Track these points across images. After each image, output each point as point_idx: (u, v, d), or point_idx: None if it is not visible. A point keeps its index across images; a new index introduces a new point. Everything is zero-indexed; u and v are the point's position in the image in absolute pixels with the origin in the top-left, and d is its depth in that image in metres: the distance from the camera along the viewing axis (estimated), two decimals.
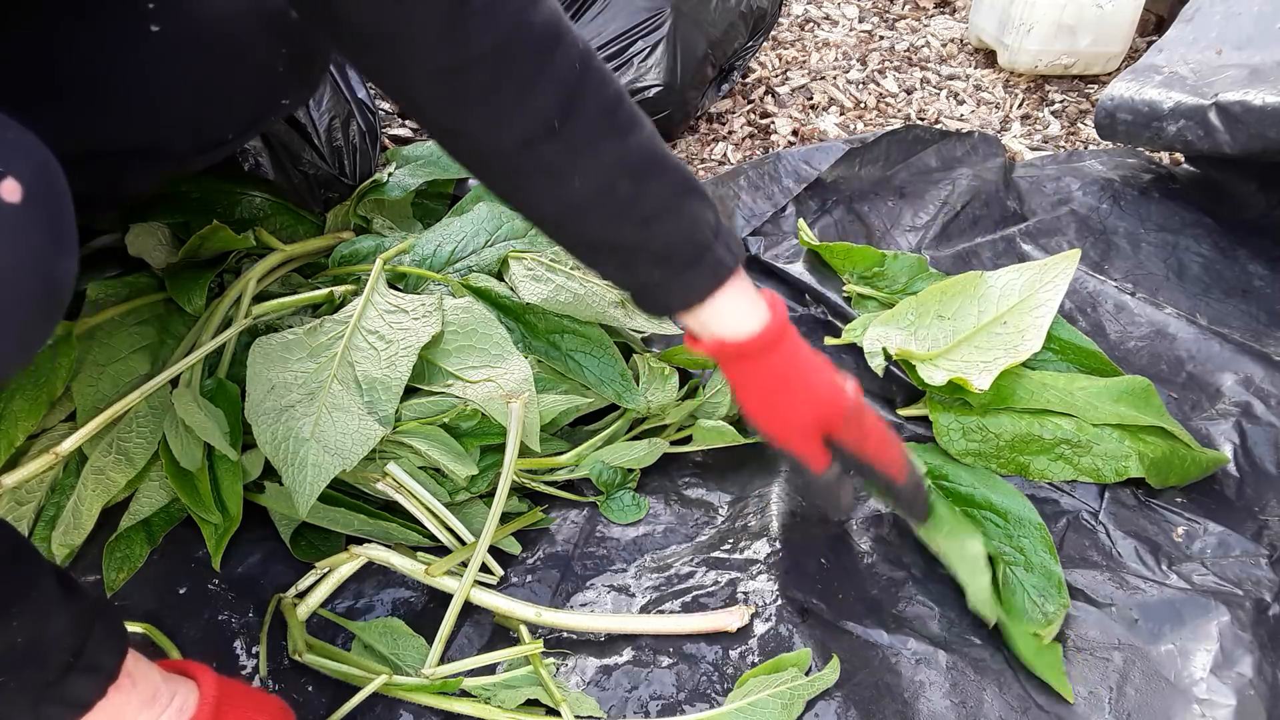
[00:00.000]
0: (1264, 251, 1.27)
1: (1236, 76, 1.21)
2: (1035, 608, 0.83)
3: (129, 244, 0.95)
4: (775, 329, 0.73)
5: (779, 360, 0.74)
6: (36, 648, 0.54)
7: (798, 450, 0.76)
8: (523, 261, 1.01)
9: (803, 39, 1.90)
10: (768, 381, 0.74)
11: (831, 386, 0.76)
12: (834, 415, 0.75)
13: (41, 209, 0.47)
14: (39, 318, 0.49)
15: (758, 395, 0.75)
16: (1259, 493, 0.97)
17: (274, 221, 1.09)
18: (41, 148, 0.48)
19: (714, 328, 0.72)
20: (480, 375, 0.88)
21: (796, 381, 0.75)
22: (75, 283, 0.52)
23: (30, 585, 0.54)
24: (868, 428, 0.78)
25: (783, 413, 0.75)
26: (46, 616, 0.54)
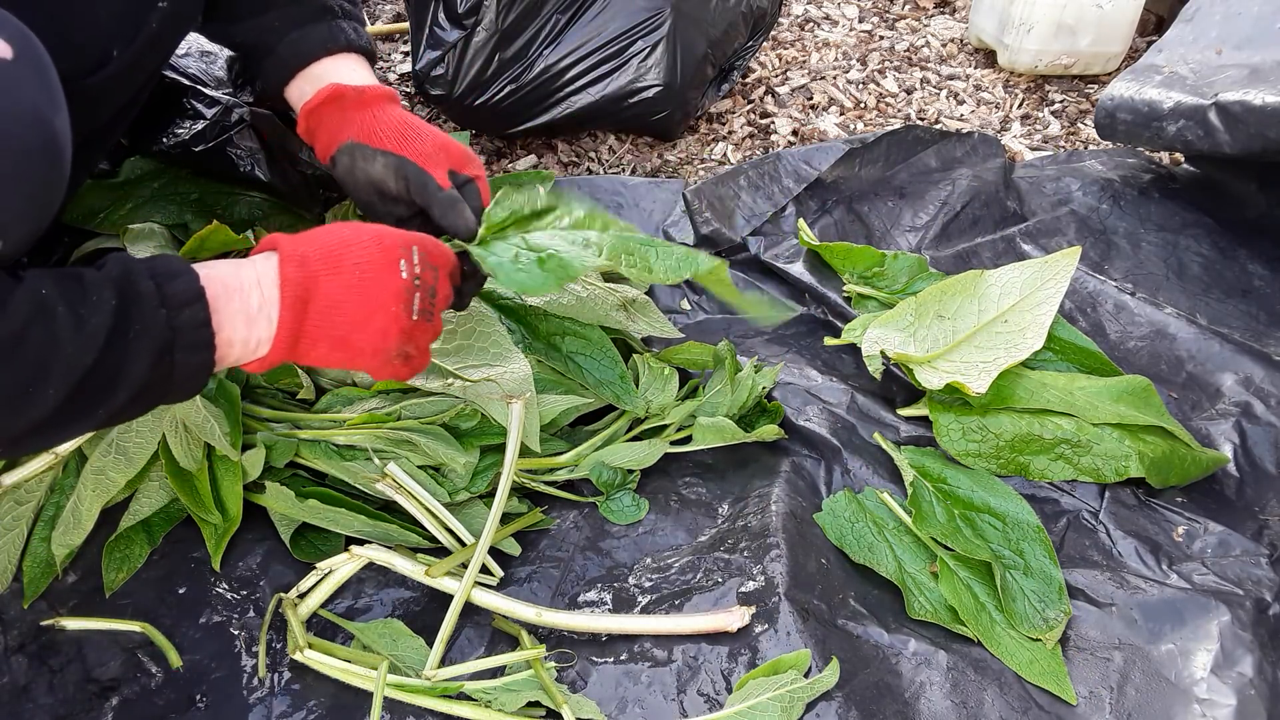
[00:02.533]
0: (1264, 251, 1.27)
1: (1236, 76, 1.21)
2: (1035, 613, 0.83)
3: (128, 245, 0.95)
4: (394, 92, 0.85)
5: (401, 110, 0.84)
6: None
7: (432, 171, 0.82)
8: None
9: (803, 39, 1.90)
10: (398, 120, 0.83)
11: (448, 138, 0.85)
12: (458, 152, 0.84)
13: (31, 66, 0.51)
14: (46, 168, 0.52)
15: (388, 130, 0.83)
16: (1259, 492, 0.97)
17: (273, 222, 1.09)
18: (16, 20, 0.52)
19: (332, 78, 0.84)
20: (480, 374, 0.88)
21: (424, 125, 0.84)
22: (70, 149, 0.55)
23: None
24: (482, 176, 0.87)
25: (414, 142, 0.83)
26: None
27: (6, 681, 0.75)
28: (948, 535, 0.88)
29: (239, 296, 0.62)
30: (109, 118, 0.86)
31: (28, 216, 0.52)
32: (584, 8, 1.43)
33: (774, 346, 1.13)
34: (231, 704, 0.75)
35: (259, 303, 0.63)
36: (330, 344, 0.66)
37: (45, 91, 0.52)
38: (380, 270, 0.67)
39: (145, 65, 0.87)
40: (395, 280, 0.67)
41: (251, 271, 0.64)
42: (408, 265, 0.67)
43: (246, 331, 0.63)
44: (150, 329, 0.57)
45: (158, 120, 1.01)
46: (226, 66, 1.06)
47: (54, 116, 0.52)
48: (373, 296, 0.66)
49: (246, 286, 0.63)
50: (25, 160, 0.50)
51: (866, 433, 1.01)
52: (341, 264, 0.66)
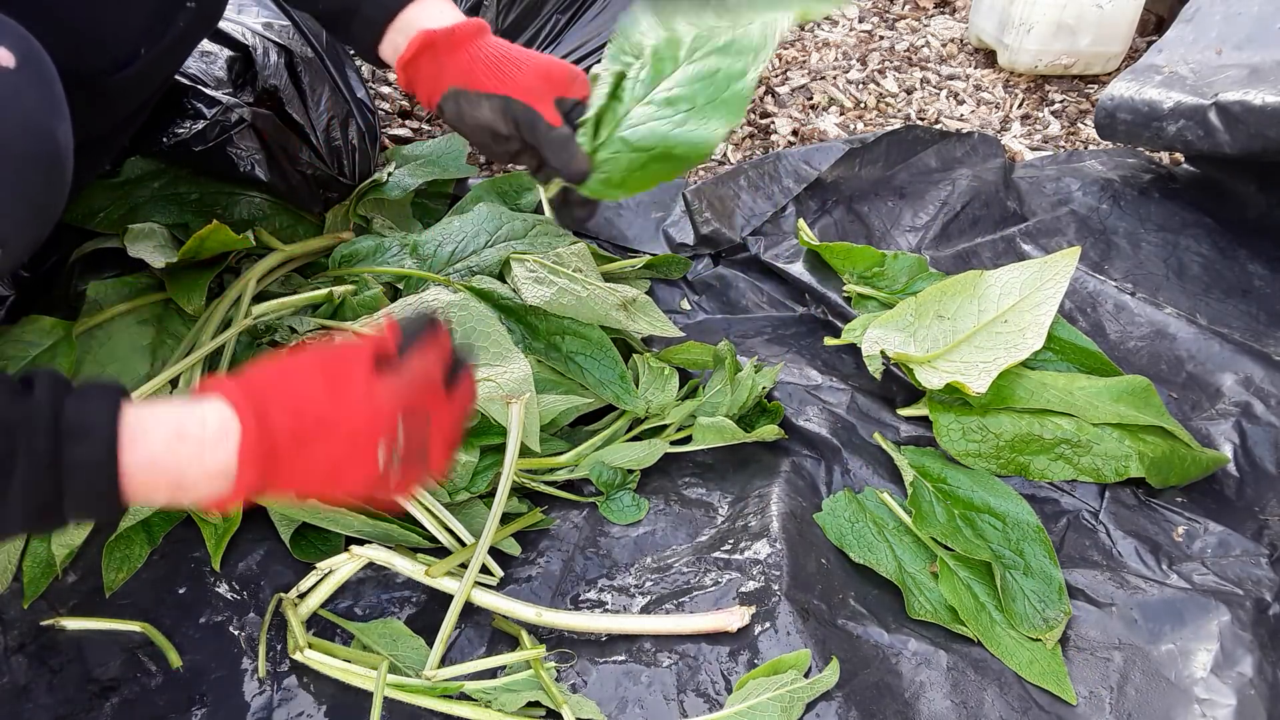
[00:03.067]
0: (1264, 251, 1.27)
1: (1236, 76, 1.21)
2: (1035, 613, 0.83)
3: (128, 245, 0.95)
4: (481, 22, 0.81)
5: (493, 41, 0.81)
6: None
7: (535, 106, 0.79)
8: (525, 263, 1.01)
9: (802, 39, 1.90)
10: (493, 53, 0.80)
11: (551, 59, 0.82)
12: (561, 76, 0.80)
13: (34, 74, 0.50)
14: (47, 177, 0.51)
15: (483, 67, 0.80)
16: (1259, 492, 0.97)
17: (273, 222, 1.09)
18: (21, 28, 0.51)
19: (421, 24, 0.79)
20: (479, 374, 0.88)
21: (519, 53, 0.80)
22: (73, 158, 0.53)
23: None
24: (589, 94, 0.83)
25: (516, 78, 0.79)
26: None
27: (6, 681, 0.75)
28: (948, 535, 0.88)
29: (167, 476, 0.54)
30: (127, 115, 0.87)
31: (29, 226, 0.52)
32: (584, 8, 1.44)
33: (774, 346, 1.13)
34: (231, 704, 0.75)
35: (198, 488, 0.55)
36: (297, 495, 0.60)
37: (48, 100, 0.52)
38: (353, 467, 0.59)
39: (167, 64, 0.87)
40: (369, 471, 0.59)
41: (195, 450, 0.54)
42: (386, 449, 0.59)
43: (173, 500, 0.55)
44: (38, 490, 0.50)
45: (158, 120, 1.01)
46: (226, 66, 1.06)
47: (56, 126, 0.52)
48: (341, 483, 0.59)
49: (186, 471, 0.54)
50: (27, 169, 0.50)
51: (866, 433, 1.01)
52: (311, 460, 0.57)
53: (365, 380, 0.59)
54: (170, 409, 0.55)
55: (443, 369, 0.63)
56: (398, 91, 1.62)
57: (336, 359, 0.60)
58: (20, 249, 0.52)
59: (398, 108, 1.58)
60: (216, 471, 0.55)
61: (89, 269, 1.00)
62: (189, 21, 0.79)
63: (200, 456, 0.54)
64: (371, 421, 0.58)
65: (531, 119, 0.79)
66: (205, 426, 0.55)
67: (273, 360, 0.60)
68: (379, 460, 0.58)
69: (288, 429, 0.56)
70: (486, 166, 1.48)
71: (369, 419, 0.58)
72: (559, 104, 0.80)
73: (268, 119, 1.05)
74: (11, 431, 0.49)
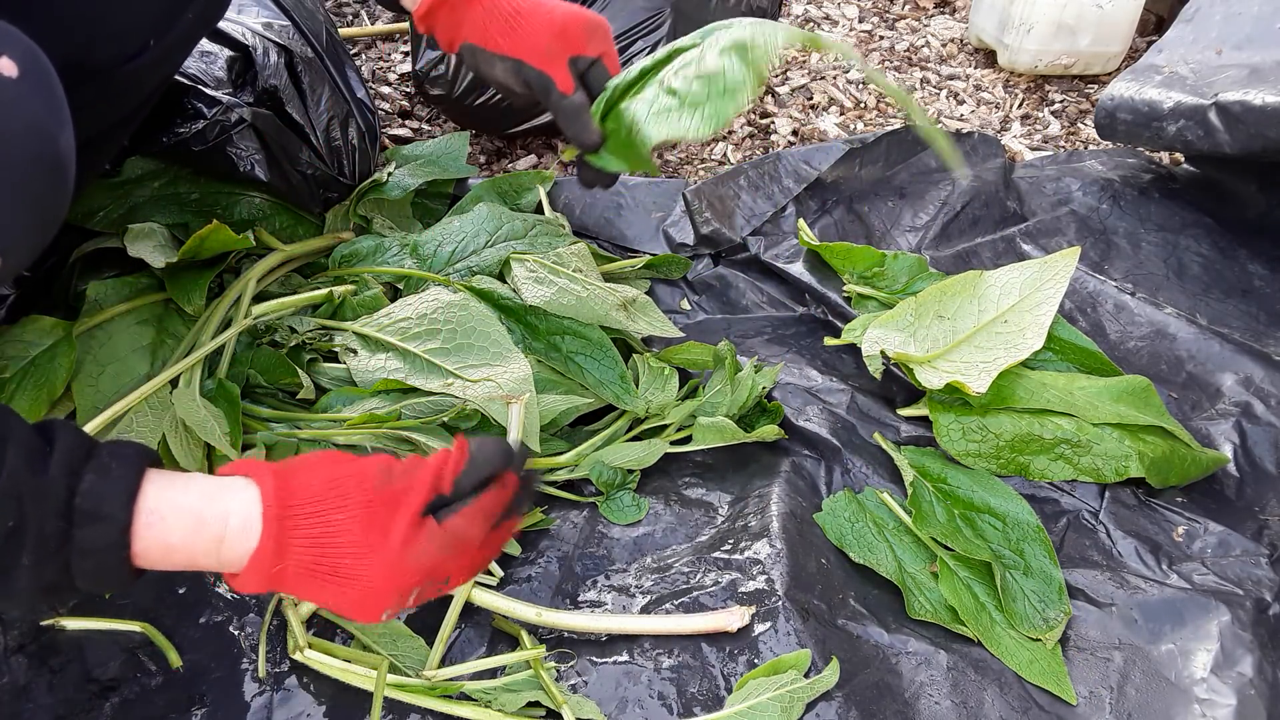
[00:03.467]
0: (1264, 251, 1.27)
1: (1236, 76, 1.21)
2: (1035, 613, 0.83)
3: (128, 245, 0.95)
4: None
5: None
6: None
7: (548, 71, 0.77)
8: (525, 263, 1.01)
9: None
10: (507, 7, 0.77)
11: (569, 9, 0.78)
12: (577, 31, 0.77)
13: (36, 83, 0.50)
14: (50, 186, 0.51)
15: (500, 23, 0.77)
16: (1259, 492, 0.97)
17: (273, 222, 1.09)
18: (23, 35, 0.51)
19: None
20: (479, 374, 0.88)
21: (532, 5, 0.77)
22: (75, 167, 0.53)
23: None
24: (610, 45, 0.80)
25: (527, 34, 0.77)
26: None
27: (6, 681, 0.75)
28: (948, 535, 0.88)
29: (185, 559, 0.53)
30: (130, 109, 0.86)
31: (31, 234, 0.51)
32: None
33: (774, 346, 1.13)
34: (231, 703, 0.75)
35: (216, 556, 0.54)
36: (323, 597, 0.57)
37: (50, 108, 0.51)
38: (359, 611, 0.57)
39: (174, 57, 0.87)
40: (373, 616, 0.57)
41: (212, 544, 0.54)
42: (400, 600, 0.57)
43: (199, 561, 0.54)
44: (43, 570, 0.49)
45: (158, 120, 1.01)
46: (226, 66, 1.06)
47: (59, 133, 0.52)
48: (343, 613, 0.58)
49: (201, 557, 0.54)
50: (29, 178, 0.50)
51: (866, 433, 1.01)
52: (321, 592, 0.56)
53: (404, 537, 0.55)
54: (193, 496, 0.53)
55: (493, 519, 0.60)
56: (398, 91, 1.62)
57: (383, 503, 0.56)
58: (22, 257, 0.52)
59: (398, 108, 1.58)
60: (228, 563, 0.54)
61: (89, 269, 1.00)
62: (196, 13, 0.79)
63: (216, 551, 0.54)
64: (394, 584, 0.56)
65: (545, 85, 0.77)
66: (227, 524, 0.53)
67: (323, 466, 0.56)
68: (388, 610, 0.57)
69: (305, 563, 0.54)
70: (486, 166, 1.48)
71: (392, 581, 0.55)
72: (573, 64, 0.78)
73: (268, 119, 1.04)
74: (23, 504, 0.48)
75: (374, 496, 0.56)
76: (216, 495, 0.54)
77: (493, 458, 0.60)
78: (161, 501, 0.52)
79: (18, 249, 0.51)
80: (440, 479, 0.58)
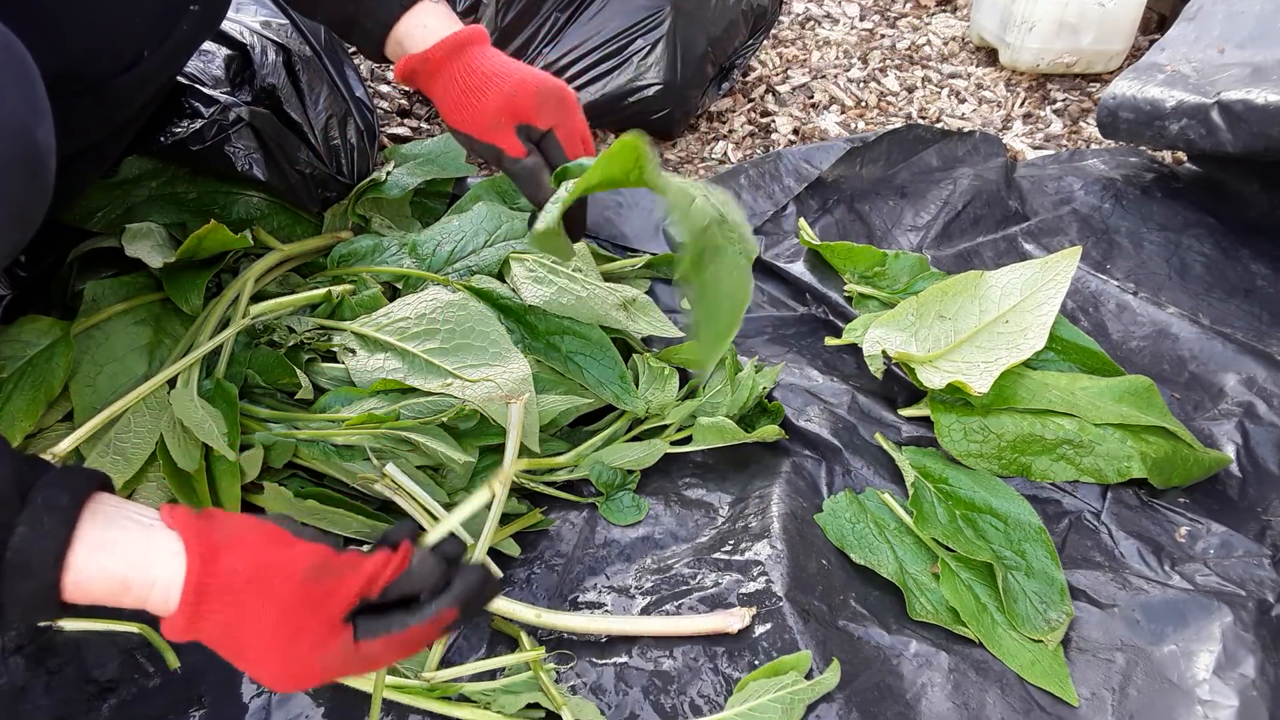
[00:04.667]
0: (1266, 251, 1.27)
1: (1239, 75, 1.20)
2: (1037, 614, 0.83)
3: (126, 245, 0.95)
4: (457, 38, 0.81)
5: (465, 63, 0.81)
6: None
7: (496, 143, 0.81)
8: (524, 263, 1.00)
9: (803, 37, 1.89)
10: (460, 83, 0.81)
11: (519, 79, 0.80)
12: (523, 102, 0.80)
13: (12, 74, 0.49)
14: (27, 181, 0.50)
15: (453, 101, 0.82)
16: (1262, 493, 0.97)
17: (271, 221, 1.09)
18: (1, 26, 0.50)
19: (407, 46, 0.82)
20: (479, 374, 0.87)
21: (482, 79, 0.81)
22: (54, 160, 0.52)
23: None
24: (569, 116, 0.83)
25: (475, 111, 0.81)
26: None
27: (5, 682, 0.75)
28: (949, 536, 0.87)
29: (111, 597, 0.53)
30: (129, 117, 0.86)
31: (8, 231, 0.50)
32: (583, 6, 1.43)
33: (774, 346, 1.12)
34: (230, 705, 0.75)
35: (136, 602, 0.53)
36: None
37: (27, 101, 0.50)
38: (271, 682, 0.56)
39: (170, 66, 0.87)
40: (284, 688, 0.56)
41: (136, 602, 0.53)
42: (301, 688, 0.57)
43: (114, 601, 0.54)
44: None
45: (156, 120, 1.01)
46: (224, 65, 1.06)
47: (36, 127, 0.50)
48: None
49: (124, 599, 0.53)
50: (4, 173, 0.48)
51: (867, 433, 1.00)
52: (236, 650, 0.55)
53: (313, 641, 0.54)
54: (119, 561, 0.52)
55: (412, 650, 0.58)
56: (397, 90, 1.61)
57: (303, 602, 0.54)
58: (1, 254, 0.51)
59: (396, 106, 1.57)
60: (154, 612, 0.54)
61: (86, 268, 1.00)
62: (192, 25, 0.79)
63: (140, 606, 0.54)
64: (294, 680, 0.55)
65: (495, 154, 0.81)
66: (149, 594, 0.53)
67: (255, 550, 0.54)
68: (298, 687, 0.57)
69: (215, 637, 0.54)
70: (486, 166, 1.47)
71: (292, 679, 0.55)
72: (522, 130, 0.81)
73: (266, 118, 1.04)
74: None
75: (296, 593, 0.54)
76: (142, 563, 0.53)
77: (429, 577, 0.58)
78: (89, 564, 0.51)
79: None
80: (371, 584, 0.56)
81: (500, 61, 0.83)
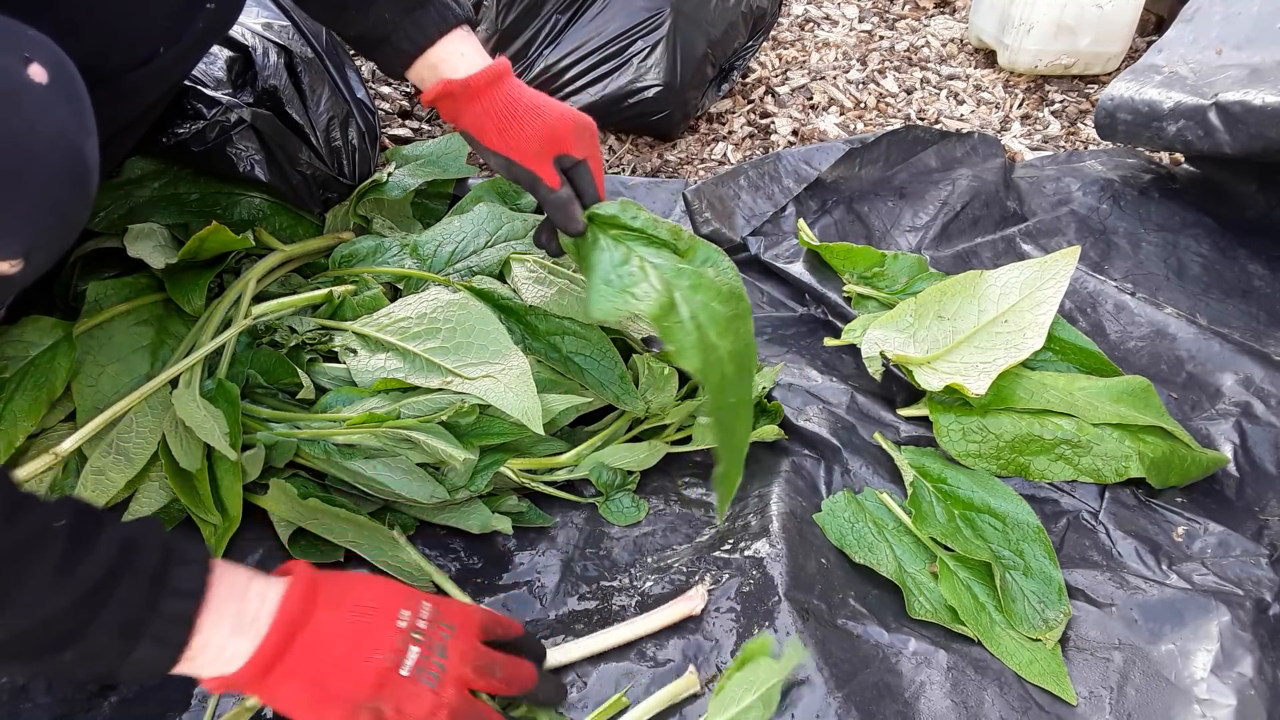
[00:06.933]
0: (1264, 251, 1.27)
1: (1236, 76, 1.21)
2: (1035, 613, 0.83)
3: (128, 245, 0.95)
4: (497, 68, 0.85)
5: (505, 92, 0.85)
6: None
7: (537, 171, 0.84)
8: (525, 263, 1.01)
9: (803, 39, 1.90)
10: (501, 109, 0.84)
11: (558, 113, 0.85)
12: (564, 134, 0.84)
13: (64, 90, 0.52)
14: (75, 192, 0.53)
15: (495, 125, 0.84)
16: (1259, 492, 0.97)
17: (273, 222, 1.09)
18: (53, 43, 0.52)
19: (443, 71, 0.85)
20: (478, 372, 0.88)
21: (525, 109, 0.84)
22: (99, 174, 0.55)
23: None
24: (596, 149, 0.88)
25: (518, 138, 0.84)
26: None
27: (5, 681, 0.75)
28: (948, 535, 0.88)
29: (238, 602, 0.61)
30: (139, 113, 0.87)
31: (55, 239, 0.52)
32: (584, 8, 1.44)
33: (774, 346, 1.13)
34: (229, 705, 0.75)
35: (254, 613, 0.61)
36: (304, 681, 0.62)
37: (77, 116, 0.52)
38: (379, 614, 0.65)
39: (184, 64, 0.88)
40: (389, 627, 0.64)
41: (262, 585, 0.63)
42: (410, 616, 0.65)
43: (227, 640, 0.60)
44: (130, 602, 0.56)
45: (158, 120, 1.01)
46: (226, 67, 1.06)
47: (84, 142, 0.53)
48: (363, 639, 0.63)
49: (251, 595, 0.62)
50: (55, 186, 0.50)
51: (866, 433, 1.01)
52: (344, 601, 0.65)
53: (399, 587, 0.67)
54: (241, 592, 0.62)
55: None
56: (398, 91, 1.62)
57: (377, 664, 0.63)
58: (43, 263, 0.53)
59: (398, 108, 1.58)
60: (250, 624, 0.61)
61: (89, 269, 1.00)
62: (207, 23, 0.80)
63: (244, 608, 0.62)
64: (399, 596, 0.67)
65: (533, 181, 0.84)
66: (267, 584, 0.64)
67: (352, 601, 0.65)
68: (392, 646, 0.64)
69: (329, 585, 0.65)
70: (486, 167, 1.48)
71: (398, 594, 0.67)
72: (558, 161, 0.84)
73: (267, 119, 1.04)
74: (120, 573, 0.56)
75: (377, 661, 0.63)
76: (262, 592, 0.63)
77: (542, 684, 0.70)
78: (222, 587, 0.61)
79: (40, 254, 0.52)
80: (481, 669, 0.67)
81: (534, 93, 0.87)
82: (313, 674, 0.61)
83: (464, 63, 0.86)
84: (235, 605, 0.60)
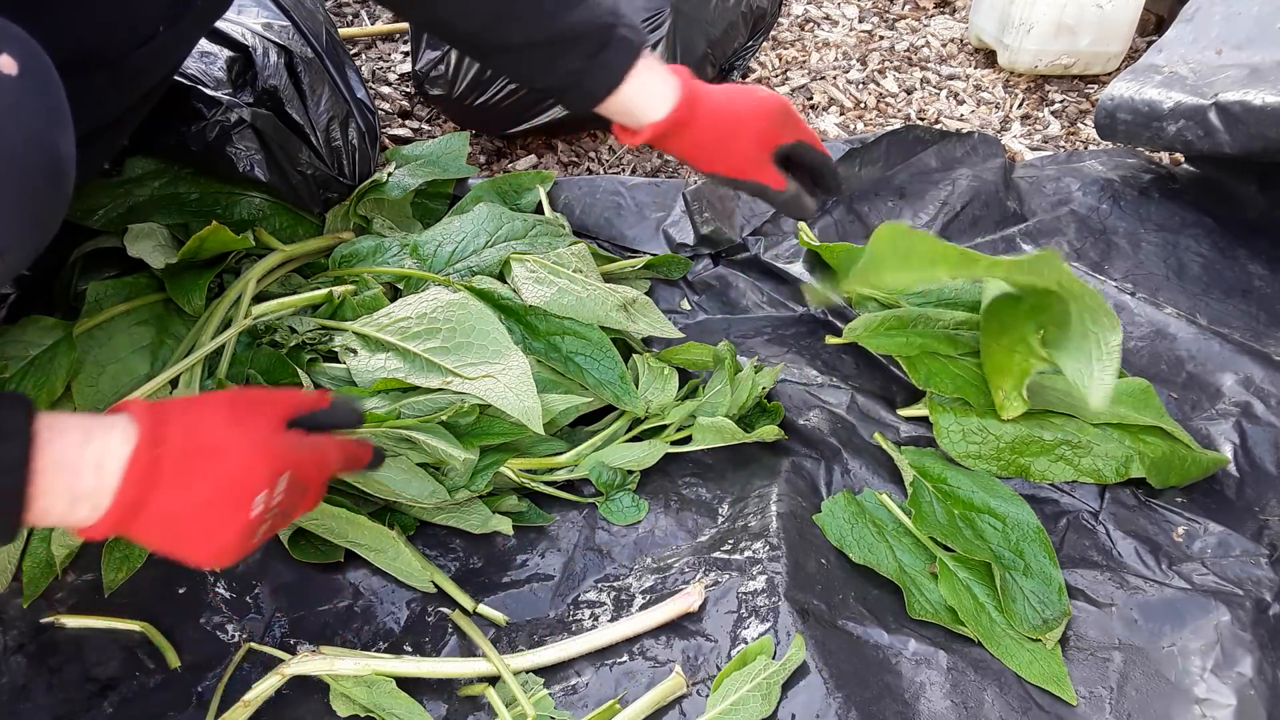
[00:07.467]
0: (1264, 251, 1.27)
1: (1236, 76, 1.21)
2: (1035, 613, 0.83)
3: (128, 245, 0.95)
4: (689, 93, 0.82)
5: (706, 113, 0.83)
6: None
7: (761, 179, 0.84)
8: (525, 264, 1.01)
9: (803, 39, 1.90)
10: (711, 138, 0.83)
11: (756, 111, 0.83)
12: (772, 133, 0.83)
13: (36, 82, 0.49)
14: (49, 189, 0.51)
15: (709, 150, 0.83)
16: (1259, 493, 0.97)
17: (273, 222, 1.09)
18: (24, 33, 0.50)
19: (640, 112, 0.83)
20: (478, 372, 0.88)
21: (729, 125, 0.83)
22: (74, 168, 0.53)
23: None
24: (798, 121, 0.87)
25: (736, 154, 0.83)
26: None
27: (5, 681, 0.75)
28: (948, 536, 0.88)
29: (69, 475, 0.54)
30: (137, 99, 0.87)
31: (30, 237, 0.51)
32: None
33: (774, 346, 1.13)
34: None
35: (90, 488, 0.55)
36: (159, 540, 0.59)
37: (50, 109, 0.51)
38: (228, 506, 0.59)
39: (184, 44, 0.88)
40: (242, 517, 0.59)
41: (99, 449, 0.56)
42: (266, 497, 0.60)
43: (65, 510, 0.55)
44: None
45: (158, 120, 1.01)
46: (226, 67, 1.06)
47: (59, 135, 0.51)
48: (213, 525, 0.59)
49: (83, 467, 0.55)
50: (29, 180, 0.49)
51: (866, 433, 1.01)
52: (192, 481, 0.58)
53: (268, 428, 0.61)
54: (80, 417, 0.56)
55: (340, 464, 0.66)
56: (398, 91, 1.62)
57: (248, 400, 0.62)
58: (20, 260, 0.52)
59: (398, 108, 1.58)
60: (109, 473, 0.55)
61: (89, 269, 1.00)
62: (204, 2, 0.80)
63: (101, 462, 0.55)
64: (257, 465, 0.59)
65: (760, 191, 0.85)
66: (110, 432, 0.56)
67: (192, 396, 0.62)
68: (252, 510, 0.59)
69: (179, 446, 0.57)
70: (486, 166, 1.48)
71: (255, 462, 0.59)
72: (777, 154, 0.84)
73: (267, 119, 1.04)
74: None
75: (239, 396, 0.63)
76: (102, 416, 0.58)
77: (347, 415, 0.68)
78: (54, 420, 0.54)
79: (16, 251, 0.50)
80: (301, 403, 0.65)
81: (726, 94, 0.84)
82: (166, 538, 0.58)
83: (658, 99, 0.83)
84: (67, 479, 0.54)
